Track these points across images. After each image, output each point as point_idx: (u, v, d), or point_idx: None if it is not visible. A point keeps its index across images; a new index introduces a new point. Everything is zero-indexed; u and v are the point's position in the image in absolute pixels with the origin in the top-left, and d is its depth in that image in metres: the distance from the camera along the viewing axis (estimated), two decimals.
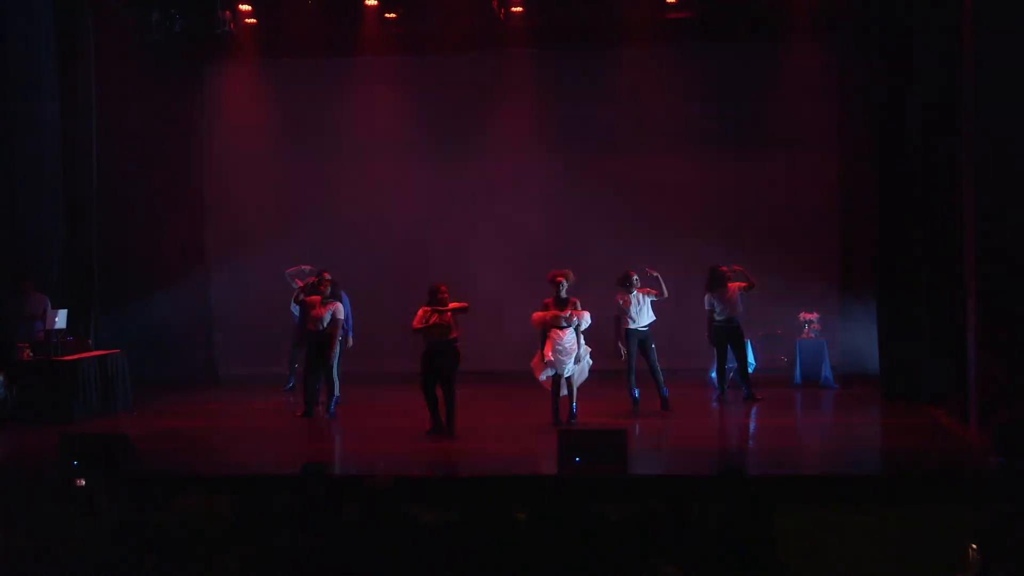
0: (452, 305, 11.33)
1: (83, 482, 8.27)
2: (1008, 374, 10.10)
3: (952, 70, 11.16)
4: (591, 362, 11.86)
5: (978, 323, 10.41)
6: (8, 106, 14.01)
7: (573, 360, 11.63)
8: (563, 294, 11.71)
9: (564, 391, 11.74)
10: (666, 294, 12.40)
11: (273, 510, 5.82)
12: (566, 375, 11.67)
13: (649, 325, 12.41)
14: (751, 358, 13.54)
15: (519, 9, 15.05)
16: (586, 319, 11.68)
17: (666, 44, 15.75)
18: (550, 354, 11.58)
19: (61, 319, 13.13)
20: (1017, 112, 10.12)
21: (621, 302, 12.37)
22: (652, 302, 12.41)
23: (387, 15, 15.37)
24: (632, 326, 12.33)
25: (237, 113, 16.89)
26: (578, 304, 11.72)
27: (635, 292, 12.35)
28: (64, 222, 14.47)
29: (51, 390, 12.46)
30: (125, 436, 9.71)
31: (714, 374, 13.70)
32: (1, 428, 12.15)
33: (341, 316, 12.47)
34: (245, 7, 15.09)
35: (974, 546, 4.77)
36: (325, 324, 12.31)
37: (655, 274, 12.46)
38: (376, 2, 15.09)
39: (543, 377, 11.76)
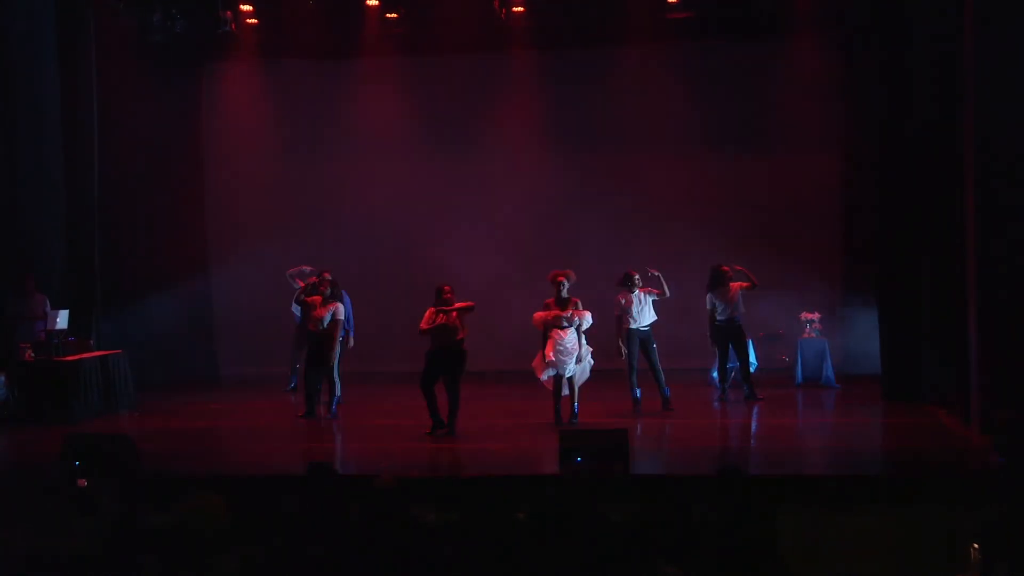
0: (457, 305, 11.34)
1: (84, 482, 8.28)
2: (1009, 374, 10.09)
3: (952, 70, 11.15)
4: (592, 362, 11.87)
5: (979, 323, 10.41)
6: (9, 107, 14.01)
7: (574, 360, 11.63)
8: (564, 294, 11.72)
9: (565, 391, 11.75)
10: (667, 293, 12.40)
11: (274, 510, 5.82)
12: (567, 375, 11.67)
13: (651, 325, 12.42)
14: (752, 358, 13.54)
15: (520, 9, 15.06)
16: (587, 319, 11.69)
17: (667, 44, 15.77)
18: (551, 354, 11.58)
19: (62, 319, 13.13)
20: (1017, 112, 10.11)
21: (623, 302, 12.37)
22: (653, 302, 12.42)
23: (388, 15, 15.39)
24: (634, 326, 12.34)
25: (237, 113, 16.89)
26: (579, 304, 11.73)
27: (636, 292, 12.36)
28: (66, 222, 14.47)
29: (52, 390, 12.47)
30: (127, 436, 9.69)
31: (715, 374, 13.70)
32: (2, 428, 12.16)
33: (342, 316, 12.46)
34: (246, 7, 15.10)
35: (975, 546, 4.77)
36: (326, 324, 12.31)
37: (656, 273, 12.46)
38: (377, 2, 15.09)
39: (544, 377, 11.77)
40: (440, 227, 16.22)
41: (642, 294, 12.37)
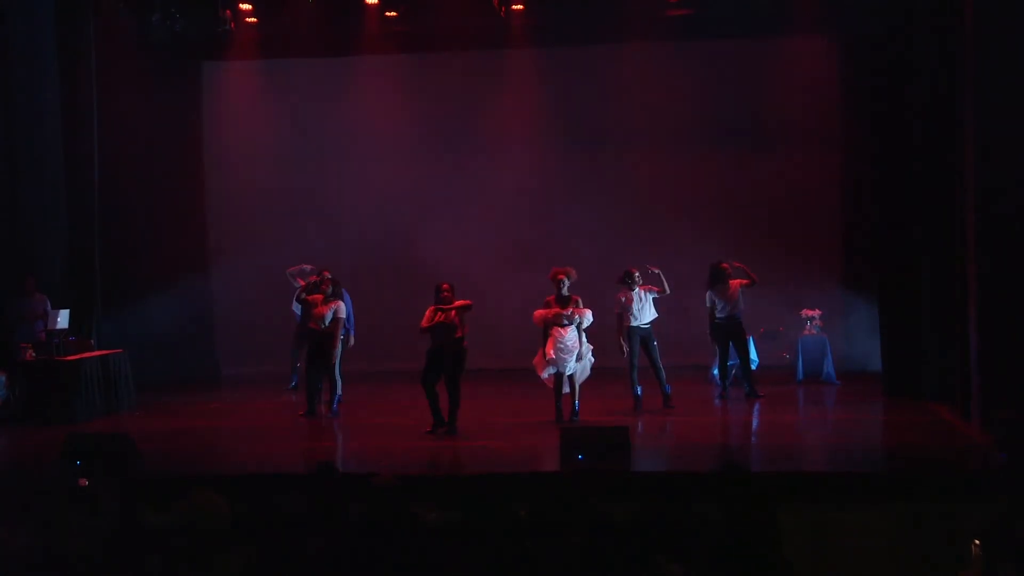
0: (456, 304, 11.34)
1: (85, 482, 8.27)
2: (1010, 370, 10.08)
3: (952, 69, 11.14)
4: (593, 360, 11.87)
5: (980, 319, 10.41)
6: (10, 106, 14.00)
7: (575, 358, 11.63)
8: (565, 292, 11.72)
9: (566, 389, 11.75)
10: (668, 291, 12.40)
11: (276, 510, 5.81)
12: (568, 373, 11.67)
13: (651, 322, 12.42)
14: (753, 355, 13.54)
15: (520, 7, 15.06)
16: (588, 317, 11.69)
17: (666, 42, 15.75)
18: (552, 352, 11.59)
19: (63, 319, 13.12)
20: (1017, 111, 10.10)
21: (623, 299, 12.37)
22: (654, 299, 12.42)
23: (387, 14, 15.38)
24: (634, 323, 12.34)
25: (237, 112, 16.89)
26: (580, 302, 11.73)
27: (637, 289, 12.36)
28: (66, 222, 14.45)
29: (53, 390, 12.46)
30: (127, 436, 9.71)
31: (716, 371, 13.70)
32: (2, 428, 12.16)
33: (342, 315, 12.46)
34: (245, 7, 15.10)
35: (977, 543, 4.77)
36: (327, 323, 12.31)
37: (656, 271, 12.46)
38: (376, 1, 15.08)
39: (545, 375, 11.77)
40: (440, 225, 16.20)
41: (642, 291, 12.36)
